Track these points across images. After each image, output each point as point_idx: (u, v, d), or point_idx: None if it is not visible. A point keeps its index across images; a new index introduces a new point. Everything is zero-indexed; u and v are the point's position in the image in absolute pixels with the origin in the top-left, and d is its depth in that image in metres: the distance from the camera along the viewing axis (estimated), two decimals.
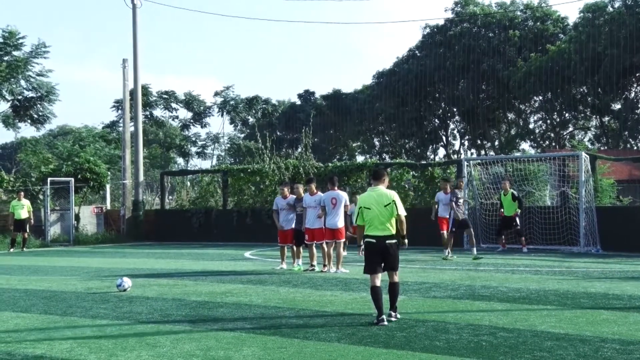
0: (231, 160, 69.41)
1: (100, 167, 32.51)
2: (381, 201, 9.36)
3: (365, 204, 9.45)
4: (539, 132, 64.16)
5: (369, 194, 9.58)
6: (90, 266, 18.68)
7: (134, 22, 32.65)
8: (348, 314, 10.01)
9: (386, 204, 9.34)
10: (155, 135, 66.75)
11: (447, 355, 7.40)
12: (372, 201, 9.39)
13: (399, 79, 63.98)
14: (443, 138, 69.97)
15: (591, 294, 11.61)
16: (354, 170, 27.81)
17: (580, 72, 51.51)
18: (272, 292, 12.52)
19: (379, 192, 9.49)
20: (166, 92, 68.84)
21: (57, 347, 8.10)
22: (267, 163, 29.05)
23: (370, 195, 9.52)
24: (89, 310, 10.69)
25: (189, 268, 17.76)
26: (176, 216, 31.67)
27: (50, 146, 51.55)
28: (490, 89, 60.64)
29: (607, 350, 7.45)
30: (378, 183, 9.62)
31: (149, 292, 12.75)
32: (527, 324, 8.98)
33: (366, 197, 9.57)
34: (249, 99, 74.53)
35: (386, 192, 9.50)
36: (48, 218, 29.59)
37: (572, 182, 23.64)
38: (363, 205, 9.46)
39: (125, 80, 33.13)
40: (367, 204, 9.42)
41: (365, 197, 9.57)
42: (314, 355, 7.50)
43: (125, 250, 25.59)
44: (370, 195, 9.51)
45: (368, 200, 9.45)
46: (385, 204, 9.34)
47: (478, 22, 61.82)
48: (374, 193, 9.50)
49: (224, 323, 9.43)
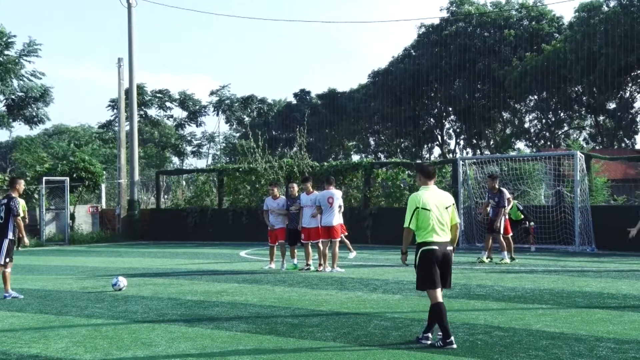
0: (226, 159, 69.37)
1: (96, 166, 32.46)
2: (442, 202, 8.07)
3: (422, 204, 7.98)
4: (534, 132, 64.31)
5: (425, 193, 8.10)
6: (86, 265, 18.66)
7: (129, 21, 32.58)
8: (343, 313, 10.01)
9: (447, 206, 8.10)
10: (150, 135, 66.65)
11: (442, 354, 7.41)
12: (433, 201, 8.01)
13: (395, 78, 64.08)
14: (438, 137, 70.07)
15: (586, 293, 11.63)
16: (349, 170, 27.79)
17: (576, 71, 51.64)
18: (268, 291, 12.52)
19: (439, 192, 8.21)
20: (161, 91, 68.77)
21: (52, 346, 8.09)
22: (259, 162, 29.00)
23: (428, 194, 8.08)
24: (84, 310, 10.67)
25: (184, 267, 17.75)
26: (172, 215, 31.64)
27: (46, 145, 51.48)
28: (485, 88, 60.75)
29: (602, 349, 7.46)
30: (430, 182, 8.25)
31: (145, 291, 12.74)
32: (522, 323, 8.99)
33: (423, 196, 8.06)
34: (245, 98, 74.54)
35: (445, 192, 8.32)
36: (43, 217, 29.54)
37: (567, 182, 23.68)
38: (420, 205, 7.97)
39: (121, 79, 33.07)
40: (425, 205, 7.97)
41: (423, 197, 8.05)
42: (310, 354, 7.50)
43: (121, 249, 25.56)
44: (428, 195, 8.07)
45: (426, 201, 8.01)
46: (446, 205, 8.09)
47: (473, 21, 61.93)
48: (432, 192, 8.12)
49: (219, 322, 9.42)
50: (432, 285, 7.89)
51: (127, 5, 32.49)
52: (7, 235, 12.15)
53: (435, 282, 7.88)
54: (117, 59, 33.11)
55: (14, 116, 40.11)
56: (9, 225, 12.14)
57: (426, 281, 7.94)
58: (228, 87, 79.27)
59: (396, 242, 22.31)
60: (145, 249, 25.34)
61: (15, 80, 38.09)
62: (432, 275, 7.88)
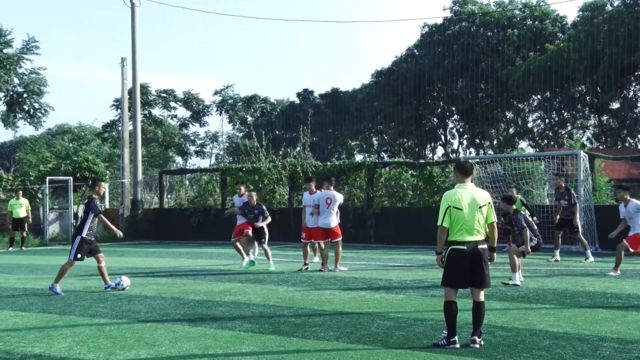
0: (230, 159, 69.34)
1: (99, 165, 32.50)
2: (476, 201, 7.88)
3: (455, 203, 7.84)
4: (538, 131, 64.22)
5: (459, 191, 7.96)
6: (89, 265, 18.61)
7: (132, 21, 32.59)
8: (347, 312, 10.01)
9: (482, 205, 7.89)
10: (154, 134, 66.59)
11: (445, 354, 7.40)
12: (466, 200, 7.86)
13: (398, 77, 64.05)
14: (442, 137, 70.01)
15: (590, 293, 11.62)
16: (352, 169, 27.76)
17: (579, 71, 51.55)
18: (271, 291, 12.52)
19: (473, 191, 8.00)
20: (165, 90, 68.72)
21: (55, 345, 8.10)
22: (263, 162, 29.00)
23: (462, 193, 7.93)
24: (88, 309, 10.68)
25: (187, 267, 17.77)
26: (175, 215, 31.64)
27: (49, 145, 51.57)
28: (488, 88, 60.68)
29: (605, 349, 7.45)
30: (467, 179, 8.06)
31: (148, 291, 12.75)
32: (525, 323, 8.99)
33: (456, 194, 7.92)
34: (248, 98, 74.51)
35: (480, 191, 8.08)
36: (47, 217, 29.58)
37: (571, 181, 23.64)
38: (452, 204, 7.84)
39: (124, 79, 33.08)
40: (457, 204, 7.83)
41: (455, 195, 7.91)
42: (313, 354, 7.50)
43: (124, 249, 25.57)
44: (461, 193, 7.92)
45: (459, 199, 7.86)
46: (480, 204, 7.88)
47: (476, 21, 61.84)
48: (466, 190, 7.96)
49: (222, 322, 9.42)
50: (450, 284, 7.86)
51: (130, 5, 32.51)
52: (81, 233, 12.86)
53: (458, 281, 7.85)
54: (121, 59, 33.14)
55: (15, 113, 40.21)
56: (86, 225, 12.88)
57: (447, 279, 7.89)
58: (232, 87, 79.36)
59: (399, 242, 22.30)
60: (149, 249, 25.36)
61: (15, 79, 38.24)
62: (454, 275, 7.82)
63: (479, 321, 7.81)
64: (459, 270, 7.80)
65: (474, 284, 7.85)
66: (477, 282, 7.83)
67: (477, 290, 7.88)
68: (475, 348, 7.61)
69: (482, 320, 7.86)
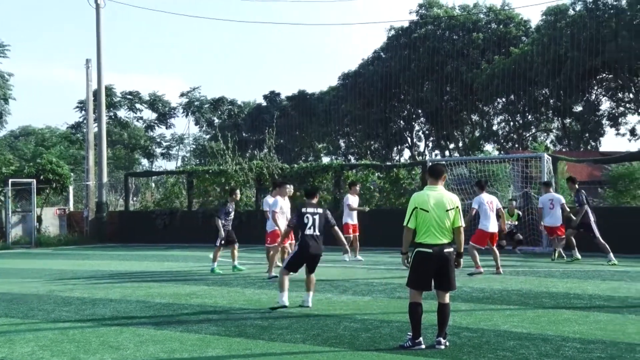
0: (196, 161, 69.01)
1: (63, 168, 32.07)
2: (442, 204, 7.90)
3: (422, 204, 7.88)
4: (503, 134, 64.88)
5: (428, 193, 8.00)
6: (53, 268, 18.44)
7: (97, 22, 32.25)
8: (313, 315, 10.02)
9: (448, 209, 7.91)
10: (119, 136, 66.06)
11: (411, 356, 7.45)
12: (431, 202, 7.88)
13: (365, 80, 64.23)
14: (408, 139, 70.37)
15: (553, 294, 11.77)
16: (319, 172, 27.80)
17: (543, 74, 52.16)
18: (238, 293, 12.48)
19: (441, 193, 8.00)
20: (130, 92, 68.26)
21: (18, 350, 7.99)
22: (229, 164, 28.92)
23: (429, 195, 7.96)
24: (51, 313, 10.55)
25: (153, 269, 17.62)
26: (140, 217, 31.37)
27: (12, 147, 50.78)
28: (454, 91, 61.12)
29: (568, 349, 7.56)
30: (437, 182, 8.08)
31: (113, 294, 12.63)
32: (490, 324, 9.08)
33: (423, 196, 7.97)
34: (215, 100, 74.27)
35: (449, 194, 8.07)
36: (9, 220, 29.14)
37: (534, 183, 23.92)
38: (419, 206, 7.89)
39: (89, 80, 32.74)
40: (424, 205, 7.86)
41: (423, 197, 7.96)
42: (279, 356, 7.50)
43: (89, 252, 25.29)
44: (428, 195, 7.95)
45: (426, 201, 7.90)
46: (447, 208, 7.90)
47: (442, 24, 62.28)
48: (434, 193, 7.98)
49: (188, 325, 9.38)
50: (419, 286, 7.91)
51: (95, 6, 32.20)
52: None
53: (423, 283, 7.90)
54: (85, 60, 32.78)
55: None
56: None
57: (412, 280, 7.94)
58: (199, 89, 79.05)
59: (366, 244, 22.34)
60: (114, 252, 25.10)
61: None
62: (420, 277, 7.88)
63: (444, 322, 7.87)
64: (425, 273, 7.85)
65: (440, 287, 7.92)
66: (444, 284, 7.90)
67: (444, 292, 7.94)
68: (440, 349, 7.67)
69: (447, 322, 7.93)
